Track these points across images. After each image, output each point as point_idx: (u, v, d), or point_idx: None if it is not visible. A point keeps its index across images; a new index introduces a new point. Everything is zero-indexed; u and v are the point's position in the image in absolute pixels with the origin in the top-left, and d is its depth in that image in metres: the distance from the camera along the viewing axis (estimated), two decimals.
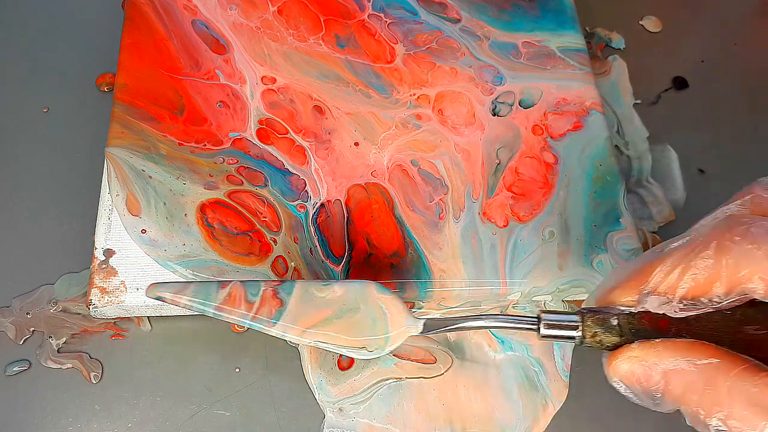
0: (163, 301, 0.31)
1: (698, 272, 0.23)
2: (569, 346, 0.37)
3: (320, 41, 0.42)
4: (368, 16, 0.44)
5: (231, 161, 0.38)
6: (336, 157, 0.38)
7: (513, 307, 0.38)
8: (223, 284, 0.31)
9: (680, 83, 0.49)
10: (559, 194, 0.38)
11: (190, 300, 0.31)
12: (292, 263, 0.35)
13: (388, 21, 0.43)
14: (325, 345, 0.31)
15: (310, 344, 0.31)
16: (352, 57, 0.42)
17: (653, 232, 0.42)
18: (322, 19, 0.43)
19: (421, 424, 0.35)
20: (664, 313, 0.25)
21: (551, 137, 0.40)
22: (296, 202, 0.37)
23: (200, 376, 0.36)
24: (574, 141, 0.40)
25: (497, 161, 0.39)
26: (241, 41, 0.42)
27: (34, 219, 0.39)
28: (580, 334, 0.26)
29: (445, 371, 0.36)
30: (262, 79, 0.40)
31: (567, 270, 0.36)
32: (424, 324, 0.31)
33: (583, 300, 0.38)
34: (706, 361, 0.23)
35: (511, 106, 0.41)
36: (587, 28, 0.50)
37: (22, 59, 0.44)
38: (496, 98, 0.41)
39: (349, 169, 0.38)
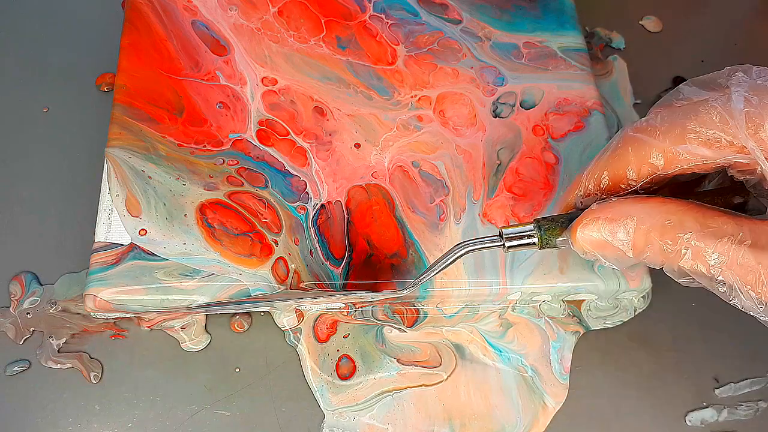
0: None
1: (614, 167, 0.28)
2: (567, 349, 0.37)
3: (321, 42, 0.42)
4: (369, 17, 0.44)
5: (231, 162, 0.38)
6: (337, 159, 0.38)
7: (512, 309, 0.38)
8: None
9: (680, 83, 0.49)
10: (560, 195, 0.38)
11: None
12: (293, 265, 0.35)
13: (390, 22, 0.43)
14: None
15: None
16: (353, 58, 0.42)
17: None
18: (322, 21, 0.43)
19: (420, 424, 0.35)
20: None
21: (552, 138, 0.40)
22: (297, 204, 0.37)
23: (200, 376, 0.36)
24: (575, 141, 0.40)
25: (498, 162, 0.39)
26: (242, 42, 0.41)
27: (34, 219, 0.39)
28: (537, 233, 0.30)
29: (447, 377, 0.36)
30: (262, 80, 0.40)
31: (567, 273, 0.36)
32: (404, 285, 0.34)
33: (584, 300, 0.38)
34: (657, 204, 0.27)
35: (513, 106, 0.41)
36: (587, 28, 0.50)
37: (22, 59, 0.44)
38: (497, 99, 0.41)
39: (350, 171, 0.38)
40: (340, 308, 0.37)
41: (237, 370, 0.36)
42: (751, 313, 0.25)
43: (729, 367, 0.38)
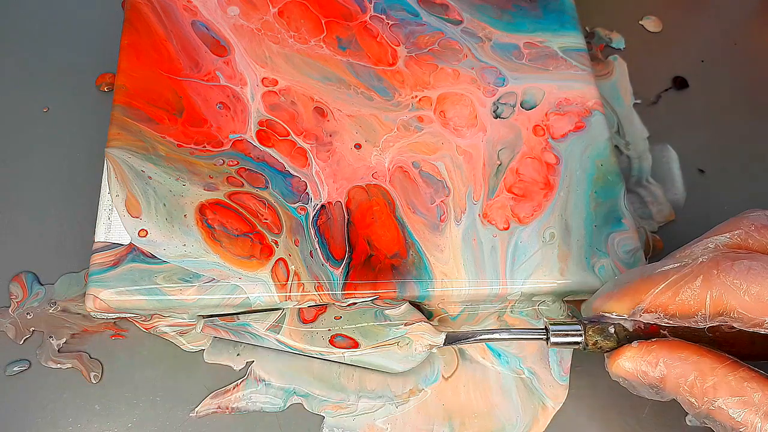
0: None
1: (687, 299, 0.28)
2: (567, 351, 0.37)
3: (321, 43, 0.42)
4: (370, 18, 0.43)
5: (231, 163, 0.38)
6: (337, 159, 0.38)
7: (511, 311, 0.38)
8: None
9: (680, 83, 0.49)
10: (560, 195, 0.38)
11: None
12: (293, 266, 0.35)
13: (390, 23, 0.43)
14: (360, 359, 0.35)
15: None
16: (354, 59, 0.42)
17: (653, 232, 0.42)
18: (323, 21, 0.43)
19: (420, 423, 0.35)
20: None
21: (552, 138, 0.40)
22: (297, 204, 0.37)
23: (200, 376, 0.36)
24: (576, 141, 0.40)
25: (498, 162, 0.39)
26: (242, 43, 0.41)
27: (34, 219, 0.39)
28: (583, 340, 0.31)
29: (449, 378, 0.37)
30: (262, 80, 0.40)
31: (567, 274, 0.36)
32: (446, 336, 0.34)
33: (583, 300, 0.38)
34: (695, 359, 0.28)
35: (513, 107, 0.41)
36: (587, 28, 0.50)
37: (22, 59, 0.44)
38: (497, 99, 0.41)
39: (350, 171, 0.38)
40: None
41: (237, 369, 0.36)
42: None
43: None
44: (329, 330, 0.35)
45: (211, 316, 0.36)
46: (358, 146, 0.39)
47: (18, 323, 0.36)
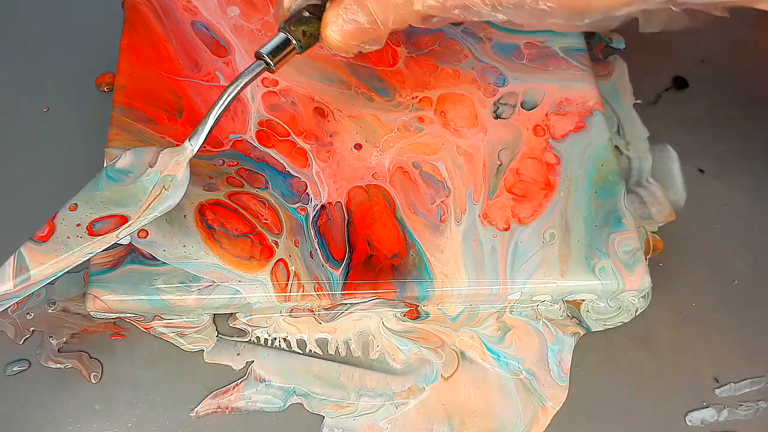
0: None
1: None
2: (567, 351, 0.37)
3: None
4: None
5: (231, 163, 0.38)
6: (337, 160, 0.38)
7: (510, 311, 0.38)
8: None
9: (680, 83, 0.49)
10: (560, 195, 0.38)
11: None
12: (293, 267, 0.35)
13: None
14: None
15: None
16: (354, 60, 0.42)
17: (653, 232, 0.42)
18: None
19: (420, 422, 0.35)
20: None
21: (553, 138, 0.40)
22: (297, 205, 0.37)
23: (200, 376, 0.36)
24: (576, 141, 0.40)
25: (499, 162, 0.39)
26: (242, 43, 0.41)
27: (34, 219, 0.39)
28: (294, 40, 0.32)
29: (449, 377, 0.37)
30: (262, 81, 0.40)
31: (568, 275, 0.36)
32: (189, 139, 0.33)
33: (583, 300, 0.38)
34: None
35: (514, 107, 0.41)
36: None
37: (22, 59, 0.44)
38: (498, 100, 0.41)
39: (351, 172, 0.38)
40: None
41: (237, 369, 0.36)
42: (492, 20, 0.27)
43: (729, 367, 0.38)
44: (78, 225, 0.32)
45: None
46: (358, 147, 0.39)
47: (18, 323, 0.36)
